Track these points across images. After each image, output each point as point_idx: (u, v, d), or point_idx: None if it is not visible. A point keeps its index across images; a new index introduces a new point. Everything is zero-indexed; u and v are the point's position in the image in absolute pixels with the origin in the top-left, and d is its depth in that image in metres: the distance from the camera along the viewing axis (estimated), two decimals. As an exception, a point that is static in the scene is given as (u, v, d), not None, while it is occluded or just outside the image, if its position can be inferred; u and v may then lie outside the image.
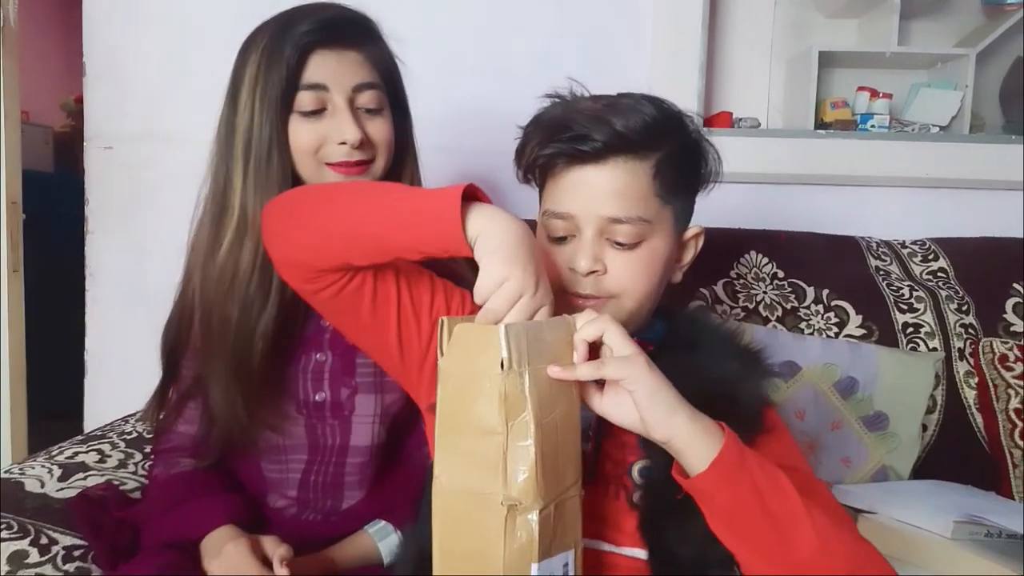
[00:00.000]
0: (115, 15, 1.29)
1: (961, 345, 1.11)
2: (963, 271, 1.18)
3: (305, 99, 0.73)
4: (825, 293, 1.14)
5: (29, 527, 0.74)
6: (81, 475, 0.85)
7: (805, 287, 1.15)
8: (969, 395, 1.10)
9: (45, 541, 0.73)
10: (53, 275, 1.73)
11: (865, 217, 1.30)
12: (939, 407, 1.09)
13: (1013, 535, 0.81)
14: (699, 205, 0.69)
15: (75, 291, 1.34)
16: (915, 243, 1.23)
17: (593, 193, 0.61)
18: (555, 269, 0.62)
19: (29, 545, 0.72)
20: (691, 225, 0.68)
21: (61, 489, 0.81)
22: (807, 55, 1.28)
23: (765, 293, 1.14)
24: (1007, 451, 1.05)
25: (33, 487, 0.80)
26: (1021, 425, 1.05)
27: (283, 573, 0.67)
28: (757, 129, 1.33)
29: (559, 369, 0.51)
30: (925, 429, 1.08)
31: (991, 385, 1.08)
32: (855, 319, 1.12)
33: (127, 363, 1.30)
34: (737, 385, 0.61)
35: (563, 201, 0.62)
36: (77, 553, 0.73)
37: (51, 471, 0.84)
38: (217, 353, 0.75)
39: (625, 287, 0.62)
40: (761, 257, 1.17)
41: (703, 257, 0.71)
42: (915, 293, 1.14)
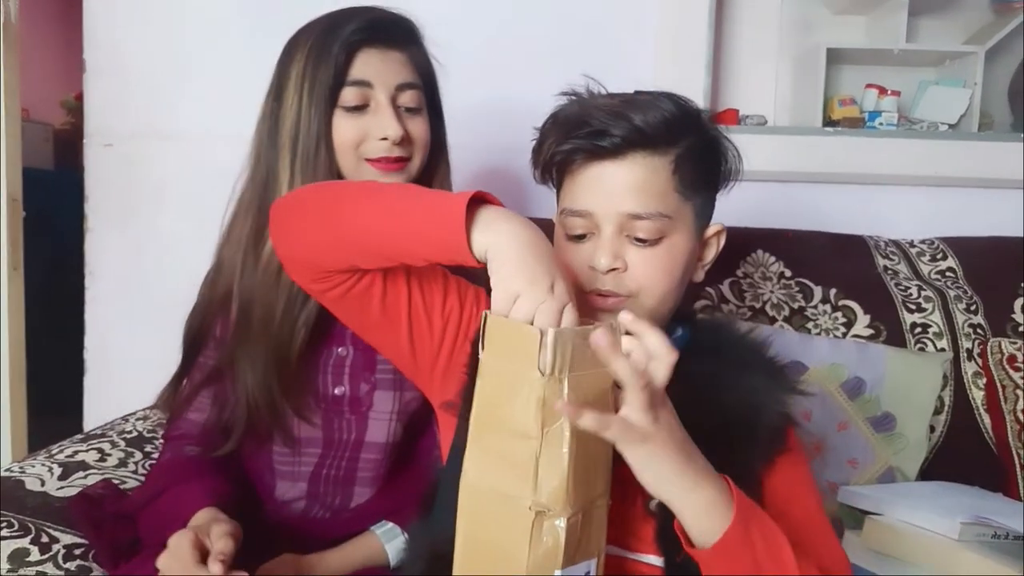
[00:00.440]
0: (116, 11, 1.28)
1: (969, 345, 1.10)
2: (972, 271, 1.17)
3: (350, 95, 0.75)
4: (832, 293, 1.13)
5: (30, 525, 0.73)
6: (81, 474, 0.84)
7: (812, 286, 1.13)
8: (977, 396, 1.09)
9: (46, 539, 0.73)
10: (53, 273, 1.73)
11: (873, 216, 1.29)
12: (947, 408, 1.08)
13: (1020, 536, 0.81)
14: (709, 204, 0.67)
15: (75, 289, 1.34)
16: (923, 242, 1.23)
17: (612, 189, 0.60)
18: (573, 269, 0.61)
19: (30, 543, 0.72)
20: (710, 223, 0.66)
21: (61, 488, 0.81)
22: (815, 52, 1.27)
23: (772, 292, 1.13)
24: (1015, 452, 1.04)
25: (33, 486, 0.80)
26: (1030, 426, 1.05)
27: (216, 573, 0.61)
28: (764, 127, 1.32)
29: (564, 406, 0.47)
30: (933, 430, 1.07)
31: (999, 386, 1.08)
32: (863, 319, 1.11)
33: (127, 361, 1.29)
34: (762, 400, 0.59)
35: (581, 198, 0.61)
36: (78, 551, 0.73)
37: (51, 470, 0.83)
38: (256, 341, 0.76)
39: (645, 284, 0.60)
40: (768, 256, 1.16)
41: (708, 256, 0.69)
42: (923, 293, 1.13)
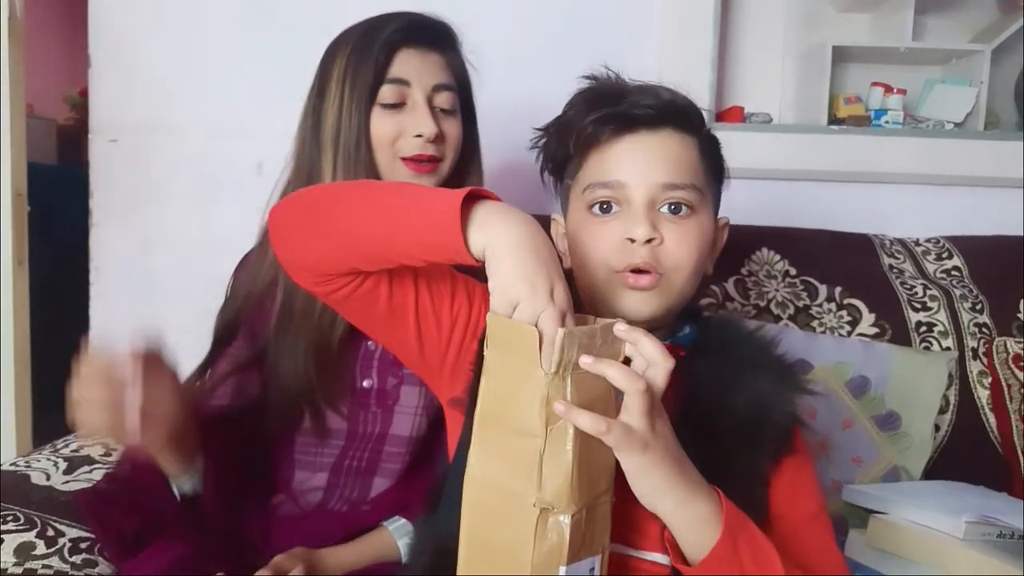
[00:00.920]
0: (121, 7, 1.28)
1: (975, 344, 1.10)
2: (977, 270, 1.17)
3: (387, 92, 0.77)
4: (838, 291, 1.13)
5: (35, 519, 0.74)
6: (87, 468, 0.84)
7: (817, 285, 1.13)
8: (982, 395, 1.08)
9: (52, 533, 0.73)
10: (58, 267, 1.72)
11: (878, 214, 1.29)
12: (952, 407, 1.08)
13: (1026, 536, 0.80)
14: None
15: (80, 284, 1.33)
16: (929, 241, 1.22)
17: (646, 159, 0.59)
18: (602, 247, 0.59)
19: (36, 537, 0.72)
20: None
21: (67, 482, 0.81)
22: (820, 50, 1.26)
23: (777, 291, 1.13)
24: (1020, 451, 1.04)
25: (39, 480, 0.80)
26: (1034, 425, 1.05)
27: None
28: (769, 124, 1.31)
29: (563, 407, 0.47)
30: (937, 429, 1.07)
31: (1004, 385, 1.07)
32: (868, 317, 1.11)
33: (132, 356, 1.29)
34: (771, 401, 0.59)
35: (612, 170, 0.60)
36: (84, 545, 0.73)
37: (56, 464, 0.84)
38: (297, 332, 0.78)
39: (680, 260, 0.59)
40: (773, 254, 1.15)
41: (713, 253, 0.69)
42: (929, 292, 1.13)
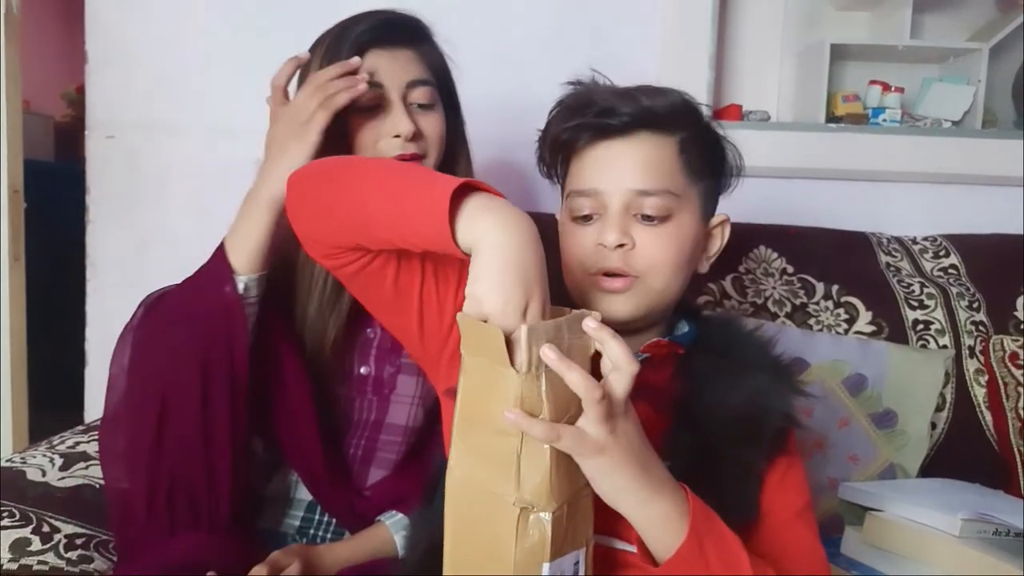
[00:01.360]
0: (118, 3, 1.27)
1: (971, 342, 1.10)
2: (974, 268, 1.17)
3: (362, 96, 0.76)
4: (835, 289, 1.13)
5: (31, 515, 0.73)
6: (82, 464, 0.84)
7: (815, 283, 1.13)
8: (979, 393, 1.09)
9: (47, 529, 0.73)
10: (54, 265, 1.72)
11: (876, 212, 1.29)
12: (948, 405, 1.08)
13: (1021, 533, 0.81)
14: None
15: (76, 281, 1.33)
16: (926, 239, 1.22)
17: (619, 166, 0.60)
18: (579, 252, 0.61)
19: (31, 533, 0.72)
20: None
21: (62, 479, 0.81)
22: (818, 48, 1.26)
23: (774, 288, 1.13)
24: (1016, 450, 1.04)
25: (35, 476, 0.80)
26: (1031, 424, 1.05)
27: None
28: (767, 122, 1.31)
29: (513, 416, 0.46)
30: (934, 427, 1.07)
31: (1001, 383, 1.08)
32: (865, 315, 1.11)
33: (129, 353, 1.29)
34: (768, 401, 0.59)
35: (588, 178, 0.61)
36: (79, 541, 0.73)
37: (52, 460, 0.83)
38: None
39: (653, 263, 0.60)
40: (770, 252, 1.15)
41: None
42: (926, 290, 1.13)
